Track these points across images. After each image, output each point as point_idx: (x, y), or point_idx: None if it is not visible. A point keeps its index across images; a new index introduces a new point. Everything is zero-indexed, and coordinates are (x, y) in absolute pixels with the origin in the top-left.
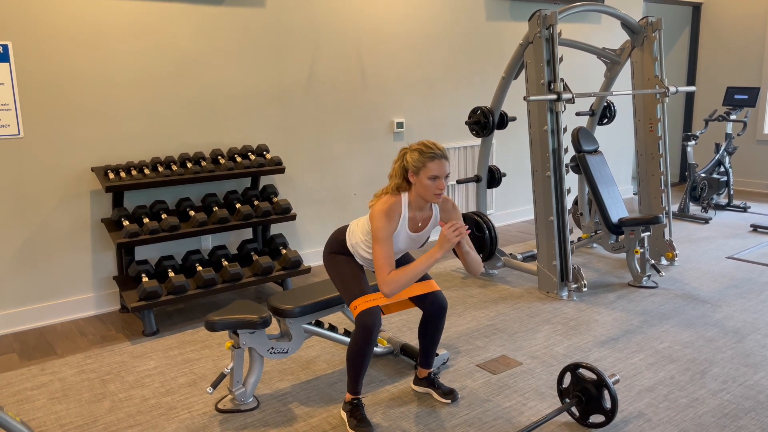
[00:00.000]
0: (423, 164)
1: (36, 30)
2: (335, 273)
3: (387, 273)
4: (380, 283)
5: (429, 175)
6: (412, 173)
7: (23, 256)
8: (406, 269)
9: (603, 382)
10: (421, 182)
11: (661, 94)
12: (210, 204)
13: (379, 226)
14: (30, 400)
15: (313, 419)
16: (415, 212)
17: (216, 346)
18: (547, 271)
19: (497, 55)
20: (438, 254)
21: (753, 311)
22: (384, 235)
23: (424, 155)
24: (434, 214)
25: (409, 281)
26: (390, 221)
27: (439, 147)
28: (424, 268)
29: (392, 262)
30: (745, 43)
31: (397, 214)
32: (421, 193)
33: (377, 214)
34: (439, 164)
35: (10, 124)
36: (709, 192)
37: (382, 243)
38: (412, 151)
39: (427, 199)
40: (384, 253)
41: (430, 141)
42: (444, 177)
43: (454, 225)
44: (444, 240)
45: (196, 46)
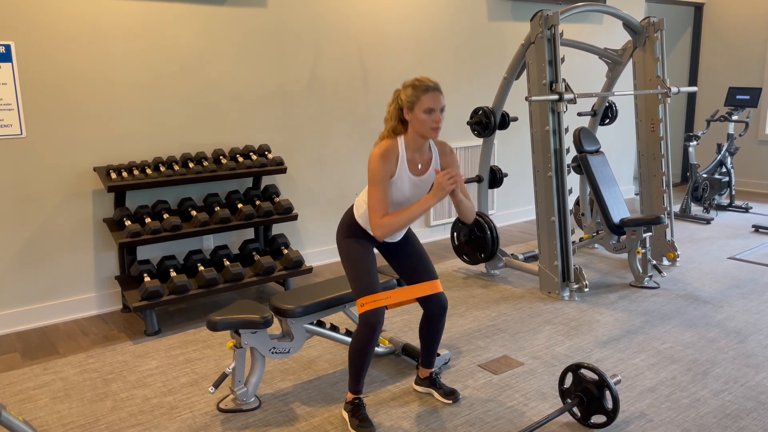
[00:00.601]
0: (417, 98)
1: (38, 30)
2: (347, 262)
3: (380, 216)
4: (373, 226)
5: (424, 108)
6: (407, 110)
7: (25, 255)
8: (399, 213)
9: (604, 383)
10: (417, 117)
11: (662, 95)
12: (212, 204)
13: (374, 168)
14: (32, 400)
15: (315, 419)
16: (414, 153)
17: (218, 346)
18: (548, 271)
19: (499, 55)
20: (432, 201)
21: (755, 312)
22: (379, 177)
23: (417, 89)
24: (434, 156)
25: (402, 226)
26: (386, 162)
27: (431, 80)
28: (417, 214)
29: (386, 206)
30: (747, 43)
31: (395, 156)
32: (418, 129)
33: (373, 158)
34: (433, 96)
35: (13, 124)
36: (710, 192)
37: (376, 185)
38: (405, 88)
39: (425, 135)
40: (378, 196)
41: (422, 76)
42: (440, 110)
43: (449, 173)
44: (438, 187)
45: (198, 46)
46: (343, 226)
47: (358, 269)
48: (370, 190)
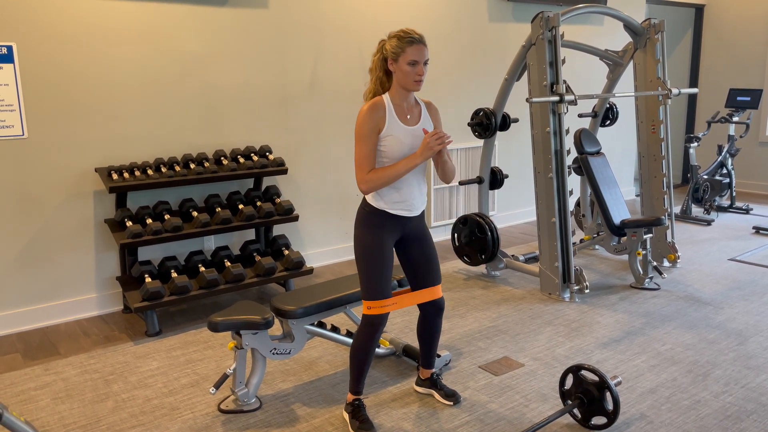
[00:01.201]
0: (402, 49)
1: (40, 31)
2: (363, 257)
3: (366, 171)
4: (359, 181)
5: (408, 60)
6: (392, 60)
7: (27, 256)
8: (385, 169)
9: (605, 384)
10: (401, 68)
11: (663, 96)
12: (213, 205)
13: (360, 124)
14: (33, 400)
15: (316, 420)
16: (401, 104)
17: (219, 347)
18: (549, 272)
19: (500, 56)
20: (418, 160)
21: (755, 313)
22: (365, 132)
23: (402, 41)
24: (421, 107)
25: (388, 182)
26: (371, 115)
27: (417, 33)
28: (403, 171)
29: (372, 161)
30: (747, 45)
31: (381, 108)
32: (401, 81)
33: (360, 115)
34: (418, 49)
35: (14, 125)
36: (711, 194)
37: (362, 140)
38: (390, 38)
39: (407, 87)
40: (364, 152)
41: (408, 28)
42: (423, 63)
43: (437, 133)
44: (426, 147)
45: (199, 47)
46: (359, 217)
47: (373, 270)
48: (356, 147)
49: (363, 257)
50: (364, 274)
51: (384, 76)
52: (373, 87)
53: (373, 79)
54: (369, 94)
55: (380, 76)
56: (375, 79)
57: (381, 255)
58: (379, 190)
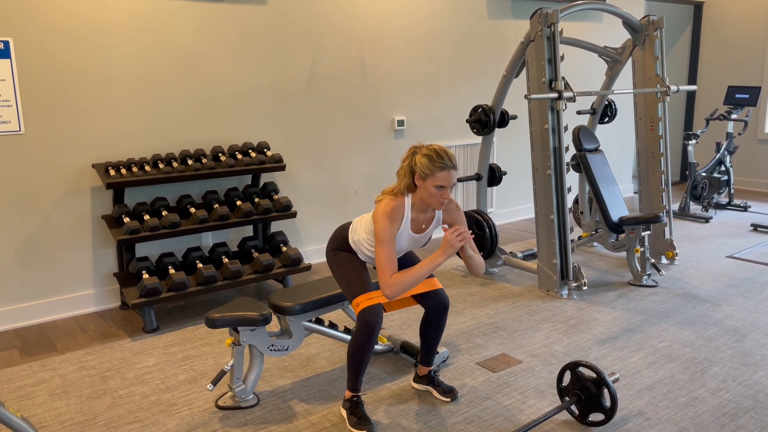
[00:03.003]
0: (432, 172)
1: (37, 26)
2: (338, 269)
3: (389, 275)
4: (382, 286)
5: (436, 184)
6: (419, 177)
7: (24, 252)
8: (407, 273)
9: (603, 381)
10: (427, 189)
11: (662, 93)
12: (210, 201)
13: (381, 228)
14: (30, 396)
15: (313, 416)
16: (418, 214)
17: (216, 343)
18: (547, 269)
19: (498, 53)
20: (441, 259)
21: (753, 310)
22: (387, 237)
23: (433, 163)
24: (437, 215)
25: (411, 285)
26: (393, 224)
27: (450, 156)
28: (426, 272)
29: (395, 265)
30: (746, 42)
31: (400, 216)
32: (426, 199)
33: (380, 216)
34: (447, 175)
35: (11, 121)
36: (709, 191)
37: (384, 245)
38: (422, 155)
39: (430, 205)
40: (386, 256)
41: (441, 148)
42: (450, 187)
43: (458, 230)
44: (447, 245)
45: (197, 42)
46: (334, 240)
47: (349, 273)
48: (377, 249)
49: (337, 268)
50: (342, 280)
51: (411, 183)
52: (398, 189)
53: (402, 185)
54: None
55: (408, 183)
56: (403, 185)
57: (353, 261)
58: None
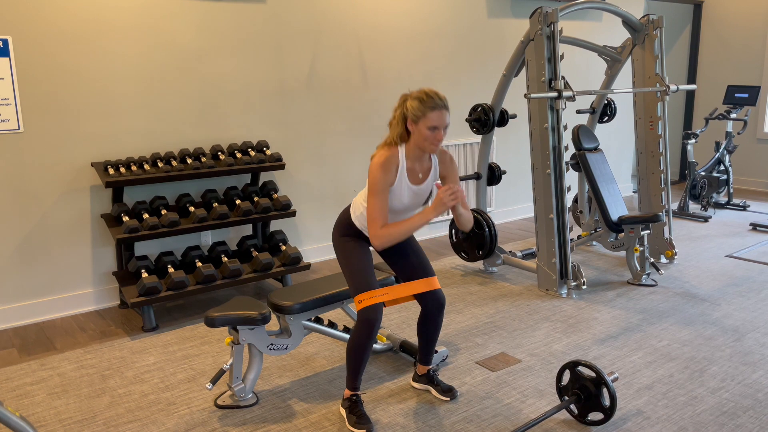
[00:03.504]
0: (423, 113)
1: (36, 25)
2: (344, 260)
3: (380, 226)
4: (372, 236)
5: (428, 125)
6: (412, 121)
7: (23, 251)
8: (398, 225)
9: (602, 380)
10: (420, 131)
11: (661, 93)
12: (210, 200)
13: (374, 179)
14: (29, 395)
15: (313, 415)
16: (414, 163)
17: (215, 342)
18: (546, 268)
19: (498, 52)
20: (431, 215)
21: (752, 310)
22: (379, 188)
23: (424, 104)
24: (434, 165)
25: (401, 237)
26: (386, 172)
27: (440, 96)
28: (416, 226)
29: (386, 215)
30: (746, 41)
31: (395, 166)
32: (419, 143)
33: (374, 167)
34: (439, 115)
35: (10, 119)
36: (708, 190)
37: (377, 195)
38: (413, 99)
39: (424, 150)
40: (378, 206)
41: (431, 90)
42: (443, 128)
43: (450, 188)
44: (439, 203)
45: (196, 41)
46: (338, 224)
47: (355, 267)
48: (369, 200)
49: (343, 258)
50: (347, 272)
51: (404, 132)
52: (392, 140)
53: (394, 134)
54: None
55: (401, 132)
56: (396, 134)
57: (359, 252)
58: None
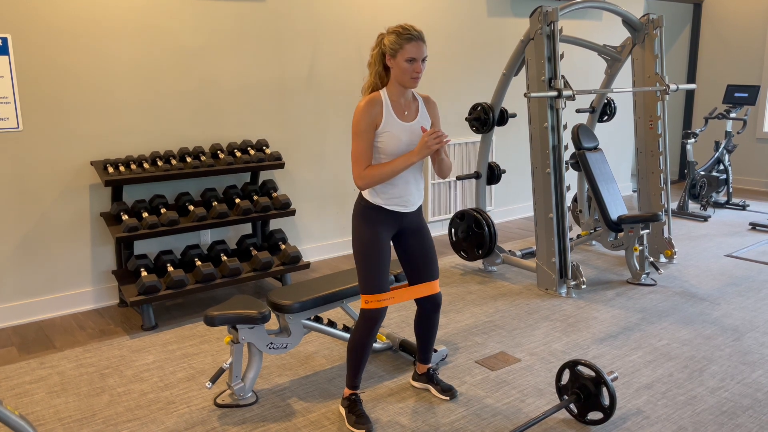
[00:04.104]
0: (400, 46)
1: (35, 23)
2: (360, 253)
3: (363, 167)
4: (355, 177)
5: (406, 57)
6: (389, 56)
7: (22, 249)
8: (381, 166)
9: (601, 380)
10: (399, 65)
11: (661, 92)
12: (209, 199)
13: (357, 119)
14: (29, 394)
15: (312, 414)
16: (398, 100)
17: (215, 341)
18: (546, 268)
19: (498, 51)
20: (414, 158)
21: (751, 309)
22: (362, 127)
23: (401, 37)
24: (419, 102)
25: (384, 179)
26: (368, 111)
27: (416, 29)
28: (400, 169)
29: (369, 156)
30: (745, 41)
31: (377, 104)
32: (398, 78)
33: (357, 110)
34: (416, 46)
35: (9, 117)
36: (708, 190)
37: (359, 137)
38: (389, 33)
39: (404, 84)
40: (361, 147)
41: (407, 23)
42: (421, 60)
43: (435, 133)
44: (424, 146)
45: (195, 39)
46: (357, 208)
47: (371, 264)
48: (353, 142)
49: (360, 252)
50: (361, 268)
51: (383, 70)
52: (371, 81)
53: (372, 73)
54: (367, 89)
55: (379, 71)
56: (373, 73)
57: (378, 250)
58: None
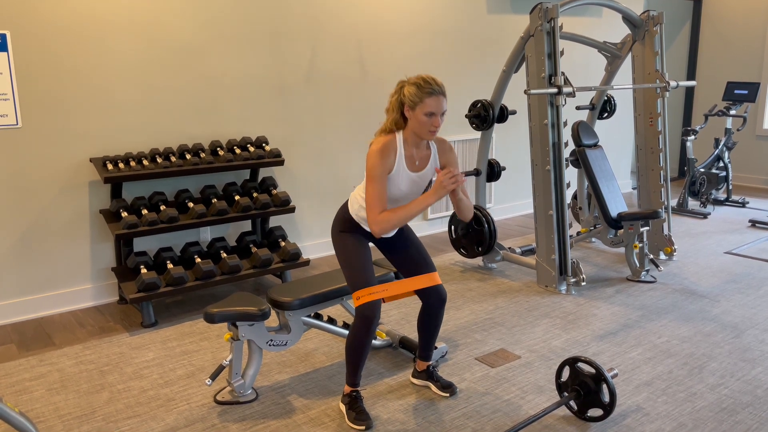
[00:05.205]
0: (420, 99)
1: (35, 19)
2: (342, 256)
3: (378, 212)
4: (370, 223)
5: (425, 111)
6: (408, 107)
7: (22, 246)
8: (397, 210)
9: (601, 376)
10: (417, 118)
11: (661, 89)
12: (209, 196)
13: (372, 164)
14: (28, 391)
15: (312, 411)
16: (412, 149)
17: (215, 338)
18: (545, 265)
19: (498, 47)
20: (431, 199)
21: (751, 306)
22: (377, 173)
23: (422, 90)
24: (432, 153)
25: (400, 223)
26: (384, 159)
27: (437, 82)
28: (416, 212)
29: (384, 201)
30: (745, 38)
31: (393, 151)
32: (416, 130)
33: (371, 154)
34: (436, 101)
35: (8, 114)
36: (708, 187)
37: (374, 181)
38: (410, 84)
39: (422, 136)
40: (376, 192)
41: (429, 75)
42: (440, 114)
43: (450, 172)
44: (439, 186)
45: (195, 36)
46: (337, 220)
47: (353, 263)
48: (367, 186)
49: (342, 254)
50: (345, 268)
51: (400, 118)
52: (388, 126)
53: (390, 119)
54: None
55: (396, 119)
56: (391, 120)
57: (358, 248)
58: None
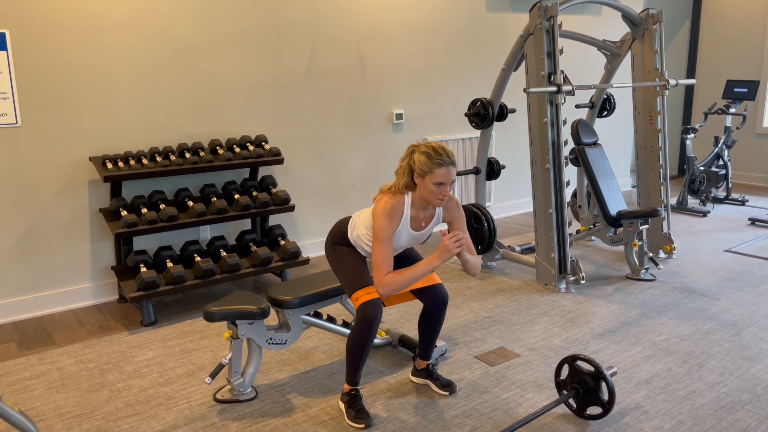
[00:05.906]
0: (430, 169)
1: (34, 18)
2: (337, 263)
3: (384, 274)
4: (377, 284)
5: (435, 181)
6: (418, 175)
7: (21, 245)
8: (402, 273)
9: (600, 374)
10: (426, 186)
11: (661, 87)
12: (208, 194)
13: (380, 226)
14: (28, 390)
15: (312, 410)
16: (418, 211)
17: (214, 337)
18: (545, 263)
19: (497, 46)
20: (436, 263)
21: (750, 304)
22: (385, 235)
23: (432, 161)
24: (437, 212)
25: (405, 286)
26: (392, 221)
27: (448, 153)
28: (421, 275)
29: (390, 263)
30: (745, 36)
31: (399, 214)
32: (425, 196)
33: (379, 214)
34: (446, 172)
35: (8, 113)
36: (707, 185)
37: (382, 243)
38: (420, 152)
39: (430, 203)
40: (383, 254)
41: (439, 145)
42: (449, 184)
43: (456, 236)
44: (444, 251)
45: (195, 35)
46: (333, 235)
47: (348, 267)
48: (374, 247)
49: (336, 263)
50: (342, 275)
51: (411, 182)
52: (397, 189)
53: (400, 183)
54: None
55: (406, 182)
56: (402, 183)
57: (352, 256)
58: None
